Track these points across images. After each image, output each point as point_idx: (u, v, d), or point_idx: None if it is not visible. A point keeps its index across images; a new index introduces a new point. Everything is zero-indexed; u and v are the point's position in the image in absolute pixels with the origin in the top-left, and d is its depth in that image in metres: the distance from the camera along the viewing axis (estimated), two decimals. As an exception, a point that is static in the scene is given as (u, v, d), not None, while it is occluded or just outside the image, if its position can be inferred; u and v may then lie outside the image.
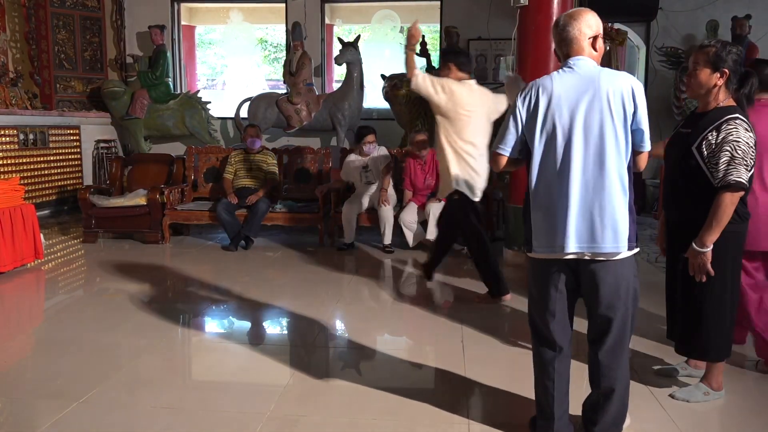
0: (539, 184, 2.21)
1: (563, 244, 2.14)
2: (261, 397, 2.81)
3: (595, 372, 2.30)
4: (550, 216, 2.18)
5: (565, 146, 2.14)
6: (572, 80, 2.17)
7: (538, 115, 2.17)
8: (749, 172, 2.47)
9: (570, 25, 2.24)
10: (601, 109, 2.12)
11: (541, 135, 2.18)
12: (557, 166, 2.15)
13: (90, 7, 8.82)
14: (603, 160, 2.12)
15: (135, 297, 4.39)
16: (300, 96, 7.97)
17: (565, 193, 2.13)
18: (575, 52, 2.23)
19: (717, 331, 2.68)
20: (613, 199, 2.13)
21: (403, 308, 4.31)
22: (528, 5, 5.01)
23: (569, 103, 2.15)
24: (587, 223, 2.13)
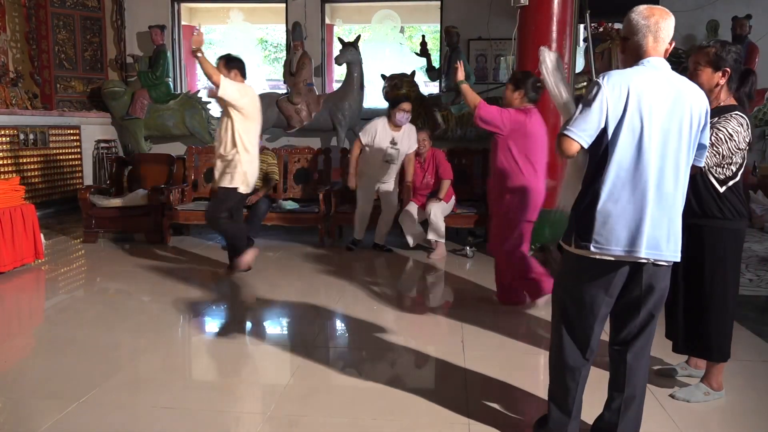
0: (616, 182, 2.08)
1: (636, 247, 2.08)
2: (261, 397, 2.81)
3: (620, 376, 2.26)
4: (625, 217, 2.08)
5: (648, 147, 2.06)
6: (660, 82, 2.10)
7: (627, 110, 2.05)
8: (715, 158, 2.52)
9: (662, 23, 2.16)
10: (683, 116, 2.09)
11: (627, 130, 2.06)
12: (638, 166, 2.06)
13: (90, 7, 8.82)
14: (678, 169, 2.10)
15: (135, 297, 4.39)
16: (300, 96, 7.97)
17: (643, 197, 2.07)
18: (658, 53, 2.16)
19: (718, 330, 2.68)
20: (680, 210, 2.14)
21: (403, 308, 4.31)
22: (528, 5, 5.02)
23: (658, 104, 2.06)
24: (660, 230, 2.09)
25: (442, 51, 8.68)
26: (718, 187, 2.59)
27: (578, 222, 2.17)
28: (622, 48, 2.25)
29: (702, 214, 2.62)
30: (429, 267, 5.36)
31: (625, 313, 2.23)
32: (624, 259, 2.11)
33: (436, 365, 3.24)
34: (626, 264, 2.13)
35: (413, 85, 7.59)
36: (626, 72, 2.11)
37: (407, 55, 10.55)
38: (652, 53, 2.15)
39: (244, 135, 4.60)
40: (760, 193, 7.29)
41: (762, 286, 4.78)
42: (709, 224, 2.62)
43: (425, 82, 9.09)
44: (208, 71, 4.38)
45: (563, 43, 5.02)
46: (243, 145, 4.59)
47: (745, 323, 3.74)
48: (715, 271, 2.64)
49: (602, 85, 2.07)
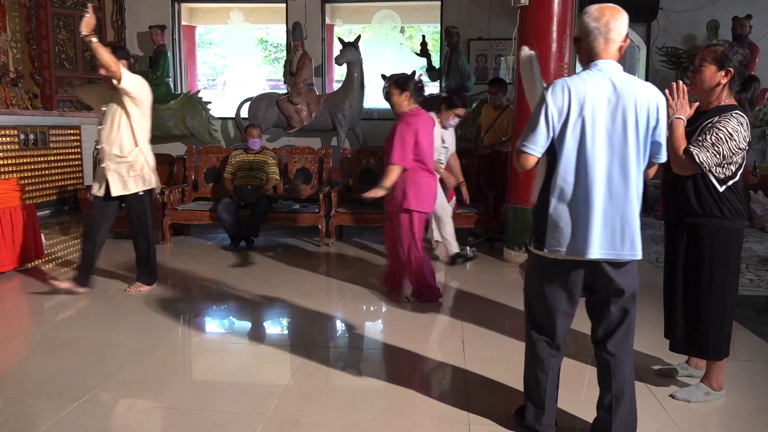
0: (564, 186, 2.17)
1: (586, 248, 2.15)
2: (261, 397, 2.81)
3: (606, 372, 2.32)
4: (571, 220, 2.17)
5: (593, 151, 2.13)
6: (604, 84, 2.15)
7: (570, 117, 2.14)
8: (716, 158, 2.52)
9: (612, 24, 2.18)
10: (627, 117, 2.13)
11: (571, 137, 2.15)
12: (583, 170, 2.14)
13: (90, 8, 8.82)
14: (626, 169, 2.14)
15: (135, 297, 4.38)
16: (300, 96, 7.98)
17: (590, 198, 2.13)
18: (608, 54, 2.20)
19: (716, 329, 2.69)
20: (632, 208, 2.18)
21: (403, 307, 4.31)
22: (528, 5, 5.01)
23: (599, 108, 2.13)
24: (609, 230, 2.16)
25: (442, 51, 8.69)
26: (718, 187, 2.60)
27: (534, 224, 2.28)
28: (576, 49, 2.29)
29: (702, 214, 2.62)
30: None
31: (597, 310, 2.32)
32: (575, 259, 2.20)
33: (437, 365, 3.24)
34: (581, 263, 2.21)
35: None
36: (569, 80, 2.18)
37: (407, 55, 10.56)
38: (603, 55, 2.19)
39: (144, 132, 4.29)
40: (760, 193, 7.29)
41: (762, 286, 4.78)
42: (709, 223, 2.62)
43: (426, 82, 9.09)
44: (106, 61, 3.94)
45: (563, 43, 5.01)
46: (144, 143, 4.28)
47: (746, 323, 3.74)
48: (714, 269, 2.64)
49: (546, 97, 2.16)
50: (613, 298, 2.26)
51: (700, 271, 2.67)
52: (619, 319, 2.29)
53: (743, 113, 2.58)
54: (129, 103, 4.16)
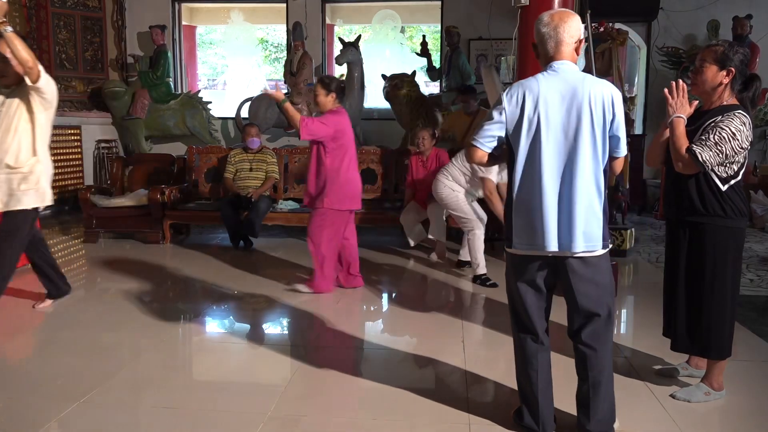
0: (521, 184, 2.28)
1: (543, 242, 2.24)
2: (262, 396, 2.81)
3: (580, 363, 2.37)
4: (530, 215, 2.26)
5: (546, 148, 2.22)
6: (557, 84, 2.24)
7: (524, 116, 2.23)
8: (718, 157, 2.52)
9: (560, 27, 2.27)
10: (581, 114, 2.20)
11: (526, 136, 2.24)
12: (537, 167, 2.23)
13: (91, 7, 8.83)
14: (583, 164, 2.21)
15: (135, 297, 4.39)
16: (301, 96, 7.98)
17: (542, 194, 2.22)
18: (561, 55, 2.28)
19: (718, 328, 2.68)
20: (586, 202, 2.23)
21: (403, 307, 4.31)
22: (529, 5, 5.01)
23: (552, 106, 2.22)
24: (569, 225, 2.22)
25: (442, 51, 8.69)
26: (721, 186, 2.59)
27: (505, 223, 2.39)
28: (535, 55, 2.38)
29: (704, 213, 2.62)
30: (430, 266, 5.36)
31: (569, 305, 2.37)
32: (535, 254, 2.28)
33: (437, 365, 3.24)
34: (541, 258, 2.29)
35: (414, 85, 7.59)
36: (524, 82, 2.29)
37: (408, 55, 10.56)
38: (557, 57, 2.28)
39: (46, 139, 3.92)
40: (760, 193, 7.28)
41: (762, 286, 4.78)
42: (711, 222, 2.62)
43: (426, 82, 9.10)
44: (23, 56, 3.38)
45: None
46: (44, 152, 3.91)
47: (746, 323, 3.74)
48: (715, 268, 2.64)
49: (502, 98, 2.28)
50: (577, 292, 2.30)
51: (702, 270, 2.67)
52: (588, 313, 2.32)
53: (746, 113, 2.58)
54: (38, 106, 3.71)
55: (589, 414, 2.36)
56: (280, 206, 6.28)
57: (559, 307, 3.68)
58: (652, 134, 8.12)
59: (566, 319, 2.42)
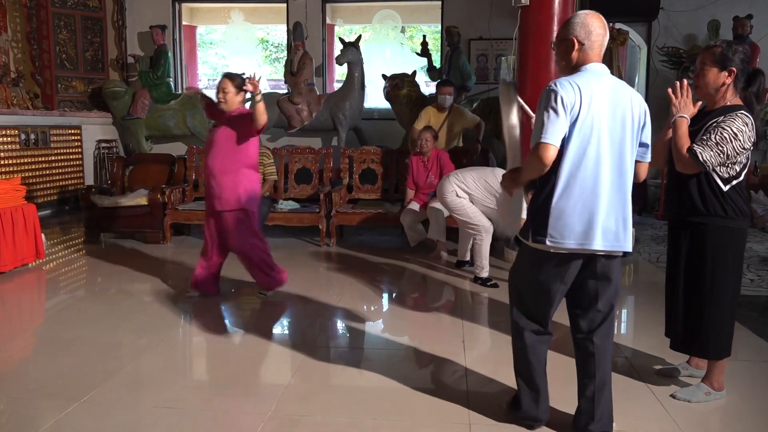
0: (571, 180, 2.24)
1: (590, 240, 2.24)
2: (262, 397, 2.81)
3: (589, 363, 2.39)
4: (578, 212, 2.24)
5: (599, 147, 2.23)
6: (605, 87, 2.27)
7: (579, 114, 2.21)
8: (719, 157, 2.52)
9: (604, 31, 2.34)
10: (624, 117, 2.27)
11: (578, 133, 2.22)
12: (590, 167, 2.23)
13: (91, 7, 8.84)
14: (624, 165, 2.27)
15: (135, 297, 4.39)
16: (301, 96, 7.97)
17: (597, 192, 2.23)
18: (600, 59, 2.34)
19: (717, 328, 2.68)
20: (628, 201, 2.31)
21: (404, 307, 4.31)
22: (529, 5, 5.01)
23: (604, 107, 2.24)
24: (613, 223, 2.26)
25: (443, 51, 8.69)
26: (722, 186, 2.59)
27: (534, 218, 2.32)
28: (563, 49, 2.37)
29: (706, 213, 2.62)
30: (430, 266, 5.36)
31: (584, 303, 2.38)
32: (578, 251, 2.27)
33: (437, 365, 3.23)
34: (580, 256, 2.29)
35: (414, 85, 7.59)
36: (575, 80, 2.26)
37: (408, 55, 10.56)
38: (596, 59, 2.34)
39: None
40: (761, 193, 7.28)
41: (763, 286, 4.78)
42: (713, 223, 2.62)
43: (426, 82, 9.10)
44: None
45: (564, 43, 5.00)
46: None
47: (746, 323, 3.74)
48: (716, 269, 2.64)
49: (558, 91, 2.22)
50: (602, 291, 2.35)
51: (702, 270, 2.67)
52: (606, 313, 2.37)
53: (748, 113, 2.57)
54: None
55: (594, 415, 2.38)
56: (280, 206, 6.28)
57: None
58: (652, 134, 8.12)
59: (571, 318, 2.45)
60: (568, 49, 2.35)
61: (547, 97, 2.23)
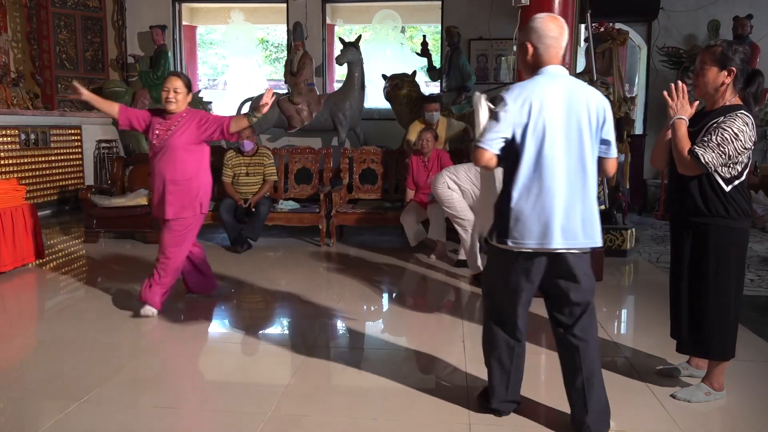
0: (528, 183, 2.32)
1: (550, 239, 2.30)
2: (262, 397, 2.81)
3: (575, 357, 2.41)
4: (539, 214, 2.31)
5: (552, 148, 2.30)
6: (558, 88, 2.34)
7: (530, 118, 2.29)
8: (721, 158, 2.52)
9: (564, 35, 2.39)
10: (580, 117, 2.33)
11: (532, 137, 2.30)
12: (545, 169, 2.30)
13: (91, 8, 8.84)
14: (584, 163, 2.34)
15: (135, 297, 4.38)
16: (301, 96, 7.97)
17: (552, 192, 2.30)
18: (558, 60, 2.40)
19: (721, 329, 2.68)
20: (590, 199, 2.36)
21: (404, 307, 4.31)
22: (529, 5, 5.00)
23: (556, 110, 2.31)
24: (571, 221, 2.32)
25: (443, 51, 8.69)
26: (724, 186, 2.59)
27: (498, 220, 2.41)
28: (521, 54, 2.45)
29: (707, 213, 2.62)
30: (430, 266, 5.36)
31: (558, 300, 2.43)
32: (539, 250, 2.33)
33: (437, 365, 3.23)
34: (544, 254, 2.35)
35: (414, 85, 7.59)
36: (526, 85, 2.35)
37: (408, 55, 10.56)
38: (554, 62, 2.38)
39: None
40: (761, 193, 7.28)
41: (763, 286, 4.78)
42: (715, 223, 2.62)
43: (426, 82, 9.10)
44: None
45: (564, 43, 5.01)
46: None
47: (747, 323, 3.73)
48: (719, 269, 2.64)
49: (506, 99, 2.32)
50: (573, 287, 2.38)
51: (705, 270, 2.66)
52: (584, 307, 2.40)
53: (748, 113, 2.57)
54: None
55: (587, 407, 2.40)
56: (280, 206, 6.28)
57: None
58: (652, 134, 8.12)
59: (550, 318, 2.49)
60: (524, 54, 2.43)
61: (499, 103, 2.34)
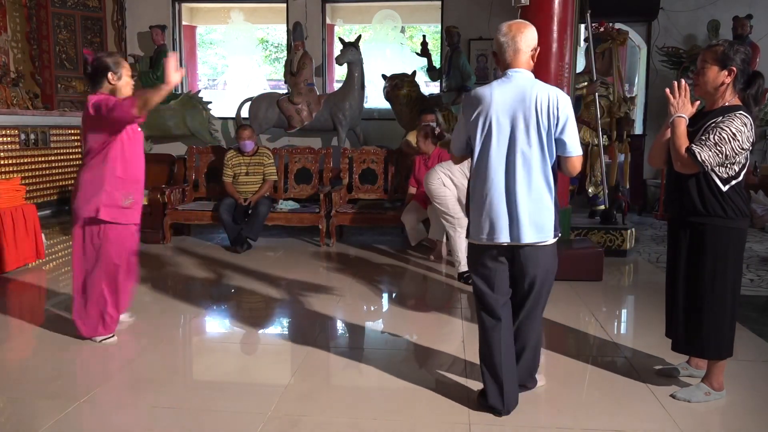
0: (477, 182, 2.55)
1: (497, 234, 2.51)
2: (262, 397, 2.81)
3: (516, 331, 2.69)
4: (486, 210, 2.52)
5: (497, 149, 2.48)
6: (509, 90, 2.49)
7: (478, 120, 2.49)
8: (718, 157, 2.53)
9: (518, 36, 2.49)
10: (528, 117, 2.45)
11: (480, 138, 2.51)
12: (488, 166, 2.50)
13: (91, 7, 8.83)
14: (528, 163, 2.47)
15: (136, 297, 4.38)
16: (301, 96, 7.97)
17: (493, 191, 2.49)
18: (517, 63, 2.51)
19: (717, 329, 2.68)
20: (536, 197, 2.49)
21: (404, 307, 4.31)
22: (529, 5, 5.01)
23: (503, 110, 2.47)
24: (519, 218, 2.48)
25: (442, 51, 8.68)
26: (722, 186, 2.59)
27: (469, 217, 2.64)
28: (495, 62, 2.61)
29: (705, 213, 2.62)
30: (430, 266, 5.36)
31: (515, 282, 2.65)
32: (490, 244, 2.55)
33: (437, 365, 3.23)
34: (500, 247, 2.55)
35: (414, 85, 7.59)
36: (478, 89, 2.55)
37: (408, 55, 10.55)
38: (513, 65, 2.52)
39: None
40: (761, 193, 7.28)
41: (763, 286, 4.78)
42: (712, 223, 2.62)
43: (426, 82, 9.09)
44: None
45: (563, 43, 5.00)
46: None
47: (746, 323, 3.74)
48: (716, 269, 2.64)
49: (462, 106, 2.57)
50: (524, 275, 2.59)
51: (702, 270, 2.67)
52: (527, 292, 2.63)
53: (747, 113, 2.57)
54: None
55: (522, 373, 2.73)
56: (280, 206, 6.28)
57: (555, 306, 3.69)
58: (652, 134, 8.12)
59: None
60: (495, 61, 2.61)
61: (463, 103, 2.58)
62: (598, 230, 5.67)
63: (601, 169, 5.99)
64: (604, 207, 5.99)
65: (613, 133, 6.23)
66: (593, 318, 3.96)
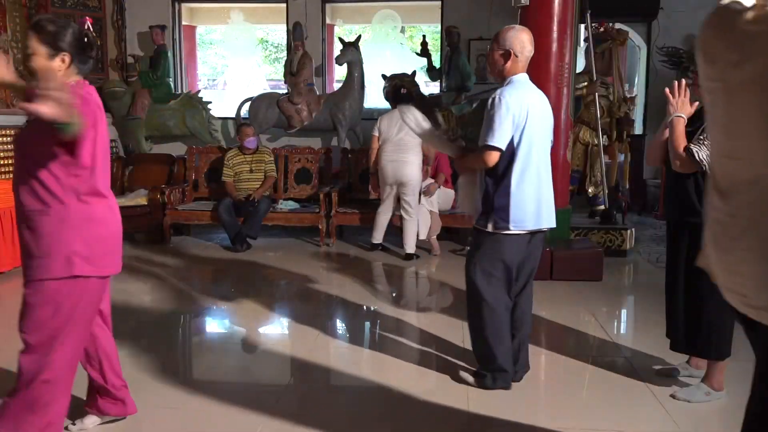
0: (524, 175, 2.73)
1: (541, 220, 2.78)
2: (261, 397, 2.81)
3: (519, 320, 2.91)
4: (532, 198, 2.75)
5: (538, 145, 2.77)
6: (536, 94, 2.83)
7: (528, 118, 2.70)
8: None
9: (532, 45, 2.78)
10: (545, 118, 2.84)
11: (526, 135, 2.71)
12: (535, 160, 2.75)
13: (91, 7, 8.83)
14: (548, 158, 2.85)
15: (135, 297, 4.38)
16: (301, 96, 7.96)
17: (541, 181, 2.78)
18: (525, 69, 2.81)
19: (718, 329, 2.68)
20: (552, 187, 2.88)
21: (404, 308, 4.31)
22: (529, 5, 5.01)
23: (538, 112, 2.77)
24: (549, 205, 2.83)
25: (442, 51, 8.68)
26: None
27: (495, 208, 2.76)
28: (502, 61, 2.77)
29: (704, 213, 2.62)
30: (430, 266, 5.37)
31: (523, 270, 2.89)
32: (533, 231, 2.79)
33: (437, 365, 3.24)
34: (529, 233, 2.80)
35: (414, 85, 7.58)
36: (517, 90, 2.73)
37: (408, 55, 10.54)
38: (523, 70, 2.80)
39: None
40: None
41: (763, 286, 4.77)
42: None
43: (426, 82, 9.09)
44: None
45: (563, 43, 5.01)
46: None
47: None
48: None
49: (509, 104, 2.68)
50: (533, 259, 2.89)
51: (701, 270, 2.66)
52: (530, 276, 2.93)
53: None
54: None
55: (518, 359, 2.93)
56: (279, 206, 6.28)
57: (555, 306, 3.69)
58: (652, 134, 8.11)
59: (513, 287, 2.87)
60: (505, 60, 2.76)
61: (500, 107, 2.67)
62: (598, 230, 5.68)
63: (601, 169, 5.99)
64: (604, 207, 5.99)
65: (613, 133, 6.23)
66: (593, 318, 3.96)
